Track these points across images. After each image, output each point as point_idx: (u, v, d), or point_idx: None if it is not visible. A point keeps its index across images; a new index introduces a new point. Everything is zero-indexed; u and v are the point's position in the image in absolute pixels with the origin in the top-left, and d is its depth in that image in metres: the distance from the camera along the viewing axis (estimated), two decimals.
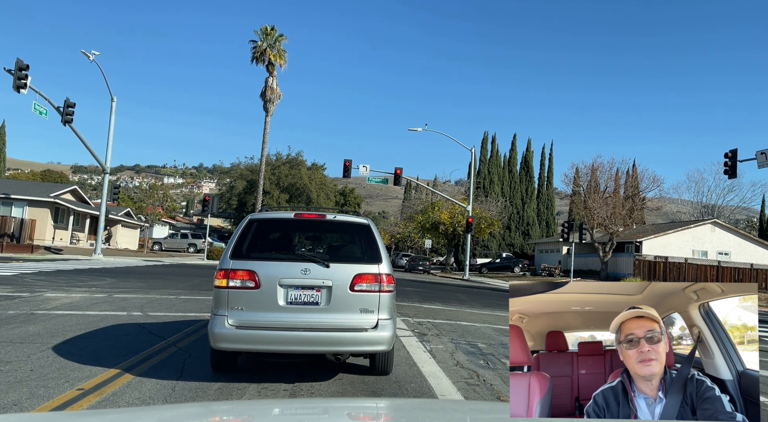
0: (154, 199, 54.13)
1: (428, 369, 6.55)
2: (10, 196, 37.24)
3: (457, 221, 45.57)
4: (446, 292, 21.92)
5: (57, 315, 9.04)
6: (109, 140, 32.34)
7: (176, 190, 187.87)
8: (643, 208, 42.84)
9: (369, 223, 5.87)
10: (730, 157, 23.20)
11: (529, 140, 64.56)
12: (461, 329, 10.56)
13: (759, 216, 67.49)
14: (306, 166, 63.86)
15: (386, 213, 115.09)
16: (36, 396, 4.62)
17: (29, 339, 7.03)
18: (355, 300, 5.29)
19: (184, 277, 19.98)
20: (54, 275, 17.18)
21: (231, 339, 5.13)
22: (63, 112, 27.44)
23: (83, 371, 5.53)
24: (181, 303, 11.89)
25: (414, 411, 2.62)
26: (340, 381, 5.67)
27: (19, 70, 24.38)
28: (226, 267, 5.25)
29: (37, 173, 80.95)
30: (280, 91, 45.57)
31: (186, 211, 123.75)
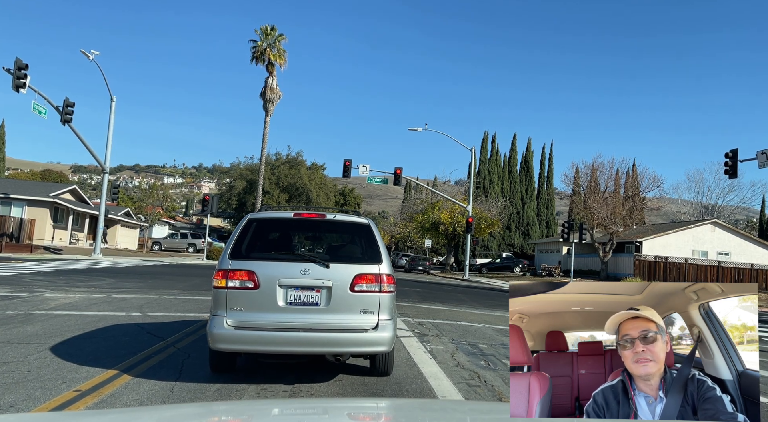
0: (153, 199, 54.12)
1: (429, 370, 6.51)
2: (10, 196, 37.22)
3: (457, 221, 45.58)
4: (446, 292, 21.92)
5: (55, 316, 9.02)
6: (109, 140, 32.34)
7: (176, 189, 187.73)
8: (643, 208, 42.85)
9: (369, 223, 5.83)
10: (730, 157, 23.20)
11: (529, 140, 64.65)
12: (462, 329, 10.55)
13: (759, 216, 67.53)
14: (306, 166, 63.87)
15: (386, 214, 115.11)
16: (33, 398, 4.59)
17: (27, 339, 7.01)
18: (356, 301, 5.25)
19: (183, 277, 19.97)
20: (53, 275, 17.17)
21: (230, 340, 5.08)
22: (62, 111, 27.43)
23: (81, 372, 5.49)
24: (180, 303, 11.88)
25: (414, 412, 2.62)
26: (340, 383, 5.63)
27: (18, 69, 24.37)
28: (225, 267, 5.20)
29: (36, 173, 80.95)
30: (279, 91, 45.57)
31: (186, 211, 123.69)
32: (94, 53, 30.12)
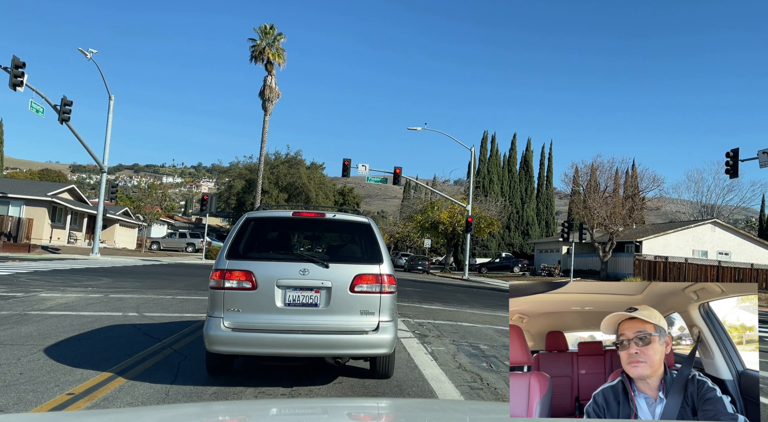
0: (152, 199, 53.99)
1: (430, 372, 6.43)
2: (7, 195, 37.16)
3: (457, 221, 45.60)
4: (446, 292, 21.90)
5: (51, 316, 8.95)
6: (107, 139, 32.29)
7: (175, 189, 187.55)
8: (643, 207, 42.85)
9: (369, 222, 5.73)
10: (731, 157, 23.17)
11: (528, 140, 64.72)
12: (462, 330, 10.51)
13: (759, 216, 67.61)
14: (305, 166, 63.88)
15: (385, 213, 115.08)
16: (24, 401, 4.49)
17: (21, 340, 6.92)
18: (356, 302, 5.15)
19: (181, 277, 19.93)
20: (50, 275, 17.12)
21: (227, 342, 4.98)
22: (60, 110, 27.38)
23: (75, 374, 5.39)
24: (177, 303, 11.83)
25: (414, 412, 2.61)
26: (339, 385, 5.55)
27: (15, 67, 24.31)
28: (222, 267, 5.10)
29: (35, 172, 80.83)
30: (279, 90, 45.57)
31: (184, 211, 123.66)
32: (92, 52, 30.07)
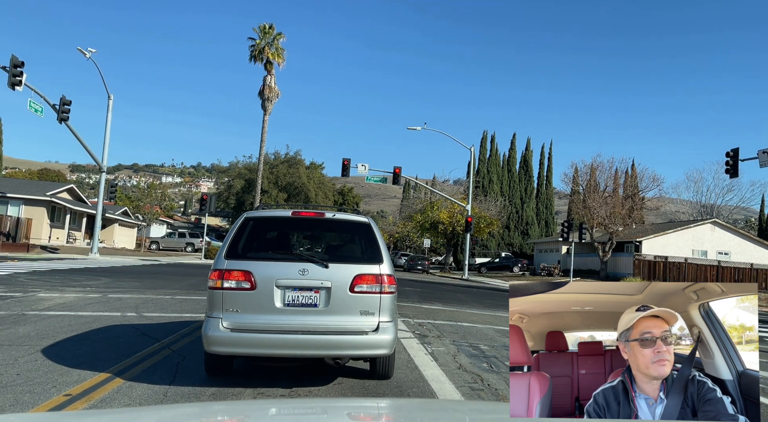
0: (151, 198, 53.98)
1: (430, 372, 6.40)
2: (6, 195, 37.15)
3: (456, 220, 45.60)
4: (446, 292, 21.90)
5: (49, 316, 8.92)
6: (106, 138, 32.27)
7: (174, 189, 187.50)
8: (643, 207, 42.87)
9: (369, 222, 5.70)
10: (731, 156, 23.18)
11: (528, 139, 64.75)
12: (463, 330, 10.49)
13: (758, 216, 67.66)
14: (304, 165, 63.91)
15: (385, 213, 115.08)
16: (21, 402, 4.46)
17: (18, 341, 6.88)
18: (355, 302, 5.12)
19: (180, 277, 19.92)
20: (49, 274, 17.10)
21: (225, 343, 4.94)
22: (59, 109, 27.36)
23: (72, 375, 5.35)
24: (176, 303, 11.81)
25: (414, 411, 2.61)
26: (339, 386, 5.52)
27: (14, 66, 24.28)
28: (221, 267, 5.07)
29: (34, 172, 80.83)
30: (278, 90, 45.58)
31: (184, 210, 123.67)
32: (91, 51, 30.05)
